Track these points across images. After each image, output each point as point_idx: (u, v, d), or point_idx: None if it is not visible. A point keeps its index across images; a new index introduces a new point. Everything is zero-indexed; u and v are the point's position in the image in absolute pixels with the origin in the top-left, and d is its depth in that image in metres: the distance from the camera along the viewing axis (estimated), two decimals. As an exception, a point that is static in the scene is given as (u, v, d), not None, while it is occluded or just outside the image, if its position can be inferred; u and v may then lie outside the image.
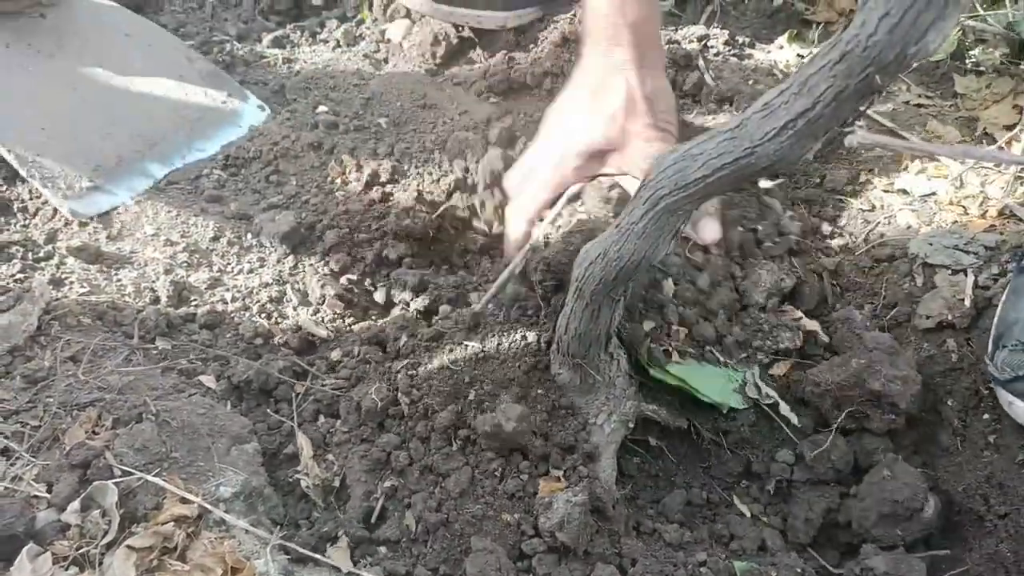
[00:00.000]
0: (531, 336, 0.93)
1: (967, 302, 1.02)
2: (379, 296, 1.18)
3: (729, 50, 1.53)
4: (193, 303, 1.09)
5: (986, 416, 0.97)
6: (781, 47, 1.60)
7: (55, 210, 1.20)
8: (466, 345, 0.93)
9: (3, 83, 1.30)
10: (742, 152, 0.58)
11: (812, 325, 1.07)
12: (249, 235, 1.20)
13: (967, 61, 1.51)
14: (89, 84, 1.36)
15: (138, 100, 1.38)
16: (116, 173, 1.27)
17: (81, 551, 0.73)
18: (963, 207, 1.18)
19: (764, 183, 1.24)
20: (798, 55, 1.56)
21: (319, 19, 1.75)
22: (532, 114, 1.37)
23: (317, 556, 0.80)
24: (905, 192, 1.23)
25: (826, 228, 1.25)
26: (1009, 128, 1.32)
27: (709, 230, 1.09)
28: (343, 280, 1.18)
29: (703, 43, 1.50)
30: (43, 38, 1.36)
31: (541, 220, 1.11)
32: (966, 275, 1.05)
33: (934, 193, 1.21)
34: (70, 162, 1.25)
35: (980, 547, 0.91)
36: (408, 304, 1.15)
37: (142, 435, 0.83)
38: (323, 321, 1.13)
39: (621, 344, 0.95)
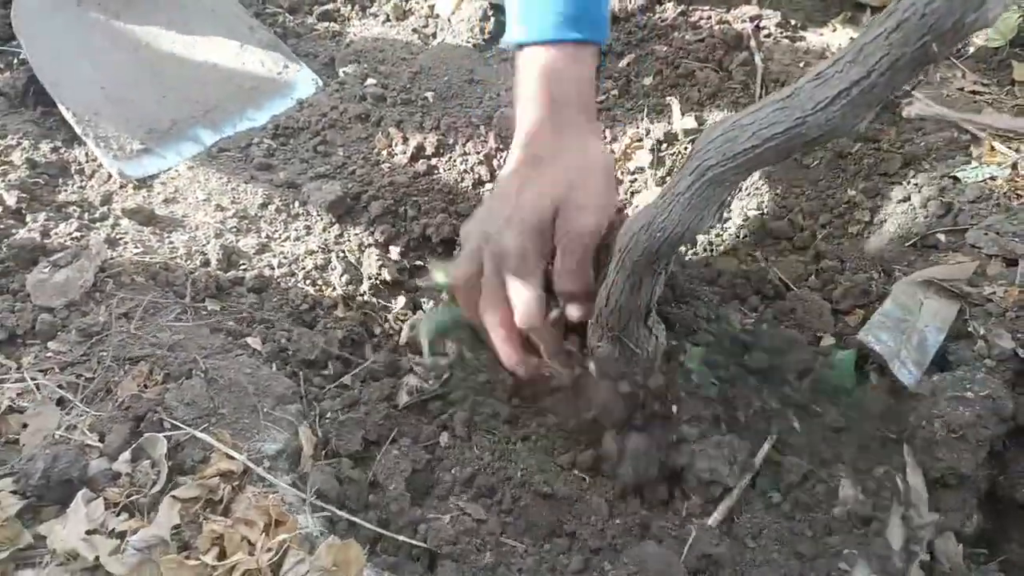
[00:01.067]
0: None
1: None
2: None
3: (781, 32, 1.51)
4: (242, 267, 1.12)
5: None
6: (834, 30, 1.57)
7: (111, 173, 1.23)
8: None
9: (69, 41, 1.35)
10: (793, 122, 0.57)
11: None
12: (296, 203, 1.22)
13: (1029, 48, 1.47)
14: (150, 47, 1.40)
15: (196, 66, 1.41)
16: (167, 137, 1.31)
17: (131, 499, 0.76)
18: (1019, 194, 1.15)
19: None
20: (851, 38, 1.53)
21: (369, -7, 1.76)
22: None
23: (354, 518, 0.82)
24: (956, 179, 1.20)
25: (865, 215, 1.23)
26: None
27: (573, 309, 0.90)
28: (394, 256, 1.19)
29: (755, 23, 1.48)
30: None
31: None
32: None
33: (994, 178, 1.18)
34: (125, 124, 1.29)
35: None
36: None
37: (192, 390, 0.85)
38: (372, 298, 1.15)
39: (660, 319, 0.95)
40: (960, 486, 0.83)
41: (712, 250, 1.25)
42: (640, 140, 1.31)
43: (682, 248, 1.16)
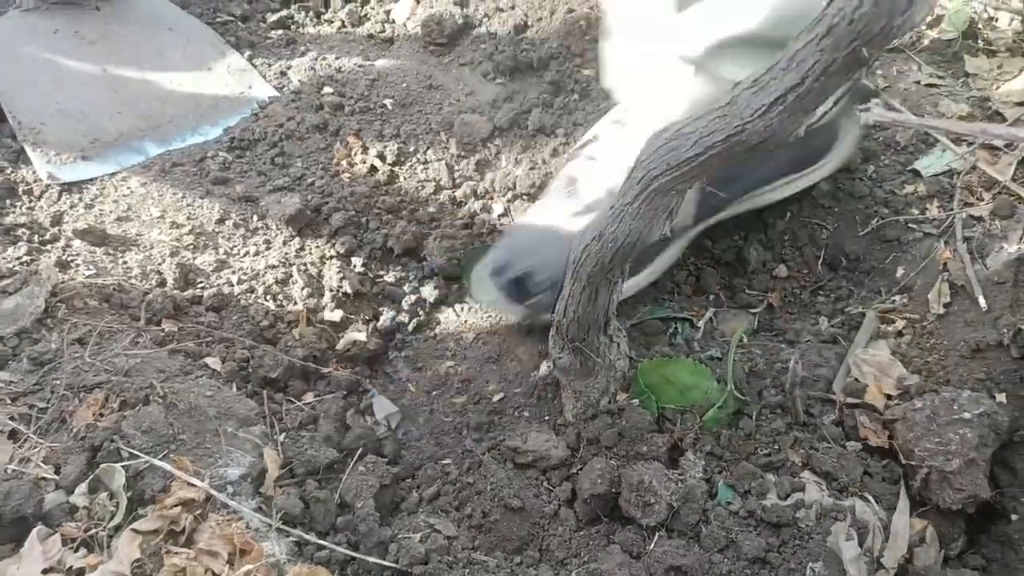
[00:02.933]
0: None
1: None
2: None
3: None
4: (199, 285, 1.09)
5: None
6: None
7: (60, 192, 1.20)
8: None
9: (38, 62, 1.37)
10: (733, 129, 0.58)
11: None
12: (255, 217, 1.19)
13: (979, 40, 1.49)
14: (117, 70, 1.41)
15: (158, 86, 1.43)
16: (110, 147, 1.30)
17: (89, 533, 0.74)
18: (974, 191, 1.17)
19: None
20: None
21: (323, -1, 1.74)
22: (538, 95, 1.37)
23: (322, 542, 0.80)
24: (918, 173, 1.22)
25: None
26: (1021, 106, 1.30)
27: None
28: (357, 268, 1.17)
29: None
30: (90, 27, 1.44)
31: None
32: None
33: (950, 171, 1.20)
34: (71, 133, 1.29)
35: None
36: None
37: (149, 417, 0.83)
38: (334, 310, 1.13)
39: (620, 328, 0.94)
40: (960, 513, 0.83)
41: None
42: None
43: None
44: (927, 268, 1.09)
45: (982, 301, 1.00)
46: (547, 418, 1.00)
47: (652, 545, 0.79)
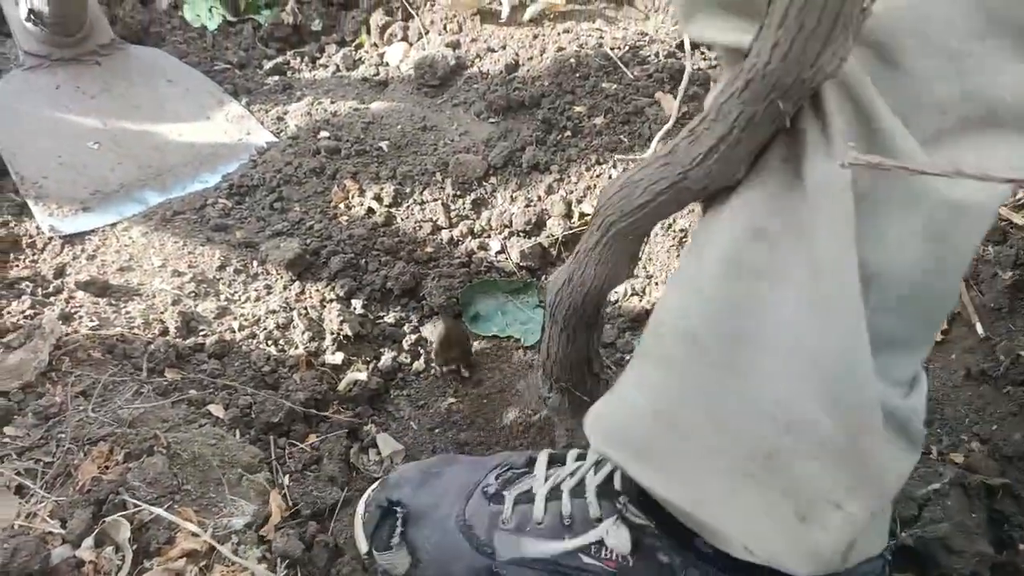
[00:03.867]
0: None
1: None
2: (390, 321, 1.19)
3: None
4: (201, 333, 1.10)
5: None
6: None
7: (63, 245, 1.22)
8: None
9: (40, 118, 1.41)
10: (676, 176, 0.59)
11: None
12: (255, 263, 1.21)
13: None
14: (118, 123, 1.45)
15: (158, 137, 1.46)
16: (111, 198, 1.33)
17: (96, 587, 0.74)
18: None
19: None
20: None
21: (318, 44, 1.77)
22: (532, 133, 1.39)
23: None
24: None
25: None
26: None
27: None
28: (357, 310, 1.19)
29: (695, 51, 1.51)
30: (91, 82, 1.48)
31: None
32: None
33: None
34: (71, 186, 1.32)
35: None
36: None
37: (153, 468, 0.84)
38: (335, 352, 1.14)
39: (609, 365, 0.95)
40: None
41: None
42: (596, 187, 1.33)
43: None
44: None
45: (979, 328, 1.01)
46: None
47: None
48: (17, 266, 1.18)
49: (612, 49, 1.50)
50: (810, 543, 0.58)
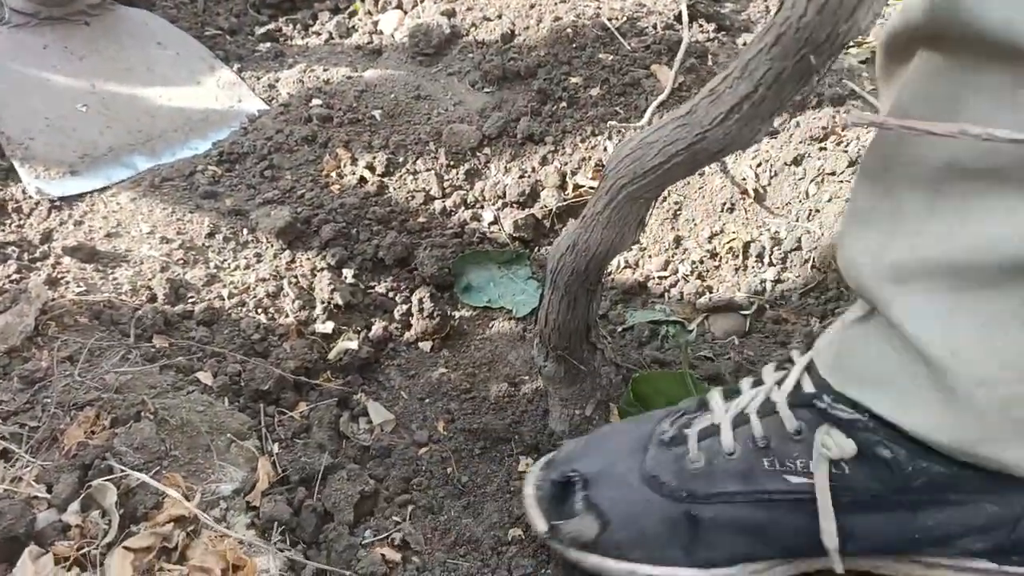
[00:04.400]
0: None
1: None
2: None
3: (724, 34, 1.53)
4: (190, 300, 1.09)
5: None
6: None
7: (50, 210, 1.20)
8: None
9: (26, 78, 1.38)
10: (694, 138, 0.59)
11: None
12: (245, 231, 1.19)
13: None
14: (107, 85, 1.42)
15: (148, 101, 1.43)
16: (99, 162, 1.30)
17: (82, 551, 0.73)
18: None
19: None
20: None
21: (311, 11, 1.75)
22: (527, 104, 1.37)
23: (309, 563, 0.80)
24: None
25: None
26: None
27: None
28: (348, 279, 1.17)
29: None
30: (80, 42, 1.44)
31: None
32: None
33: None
34: (59, 149, 1.29)
35: None
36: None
37: (141, 433, 0.83)
38: (325, 322, 1.13)
39: (605, 335, 0.95)
40: None
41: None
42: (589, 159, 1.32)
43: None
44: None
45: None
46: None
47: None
48: (3, 230, 1.16)
49: (609, 20, 1.48)
50: None
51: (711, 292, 1.21)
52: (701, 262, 1.24)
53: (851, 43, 0.50)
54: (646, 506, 0.74)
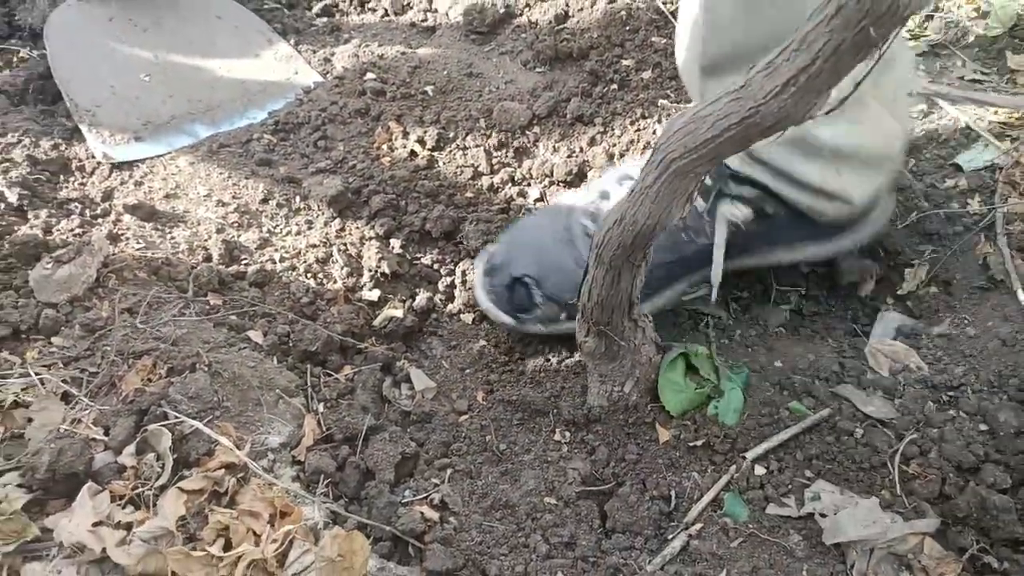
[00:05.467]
0: None
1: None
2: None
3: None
4: (243, 262, 1.12)
5: None
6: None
7: (111, 169, 1.24)
8: None
9: (94, 48, 1.43)
10: (747, 112, 0.59)
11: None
12: (297, 198, 1.22)
13: (1027, 37, 1.47)
14: (170, 57, 1.47)
15: (209, 72, 1.47)
16: (161, 130, 1.35)
17: (136, 491, 0.77)
18: (1017, 183, 1.15)
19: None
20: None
21: (368, -12, 1.76)
22: (578, 85, 1.38)
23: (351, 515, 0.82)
24: (959, 167, 1.21)
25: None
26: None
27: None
28: (395, 250, 1.20)
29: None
30: (144, 15, 1.51)
31: None
32: None
33: (992, 166, 1.18)
34: (124, 116, 1.34)
35: None
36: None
37: (196, 384, 0.86)
38: (372, 289, 1.15)
39: (646, 313, 0.95)
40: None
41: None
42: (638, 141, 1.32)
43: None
44: (966, 262, 1.08)
45: (1021, 296, 0.99)
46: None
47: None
48: (67, 187, 1.20)
49: (664, 3, 1.47)
50: None
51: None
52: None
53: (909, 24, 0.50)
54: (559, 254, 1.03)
